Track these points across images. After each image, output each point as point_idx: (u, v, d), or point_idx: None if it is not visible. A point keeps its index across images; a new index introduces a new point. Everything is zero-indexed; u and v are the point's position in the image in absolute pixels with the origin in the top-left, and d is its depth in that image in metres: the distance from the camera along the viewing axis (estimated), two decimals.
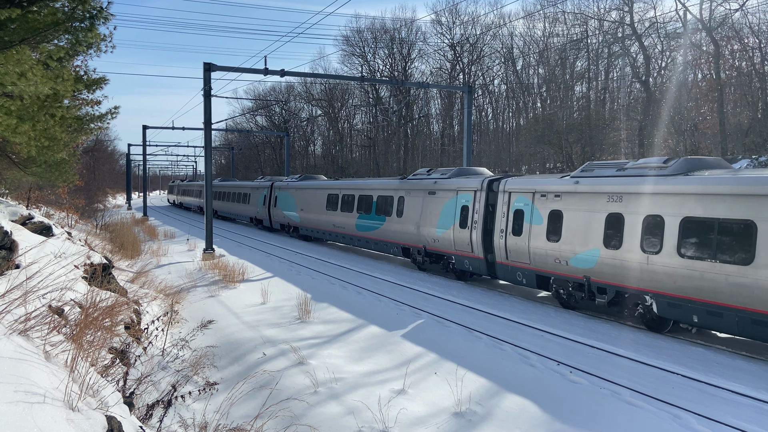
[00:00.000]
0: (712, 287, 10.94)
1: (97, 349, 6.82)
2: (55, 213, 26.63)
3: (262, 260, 23.68)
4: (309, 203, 30.07)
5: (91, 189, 39.41)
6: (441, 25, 62.07)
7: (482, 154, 54.18)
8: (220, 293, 16.60)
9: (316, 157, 79.94)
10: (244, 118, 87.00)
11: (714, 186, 11.36)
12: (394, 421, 7.70)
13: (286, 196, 33.34)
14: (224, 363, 10.46)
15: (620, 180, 13.43)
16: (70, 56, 10.10)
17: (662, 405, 8.42)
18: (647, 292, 12.46)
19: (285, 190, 33.71)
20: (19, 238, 10.19)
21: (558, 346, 11.44)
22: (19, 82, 8.06)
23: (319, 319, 13.54)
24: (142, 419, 6.74)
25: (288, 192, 33.21)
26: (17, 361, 4.73)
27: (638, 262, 12.49)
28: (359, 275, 20.08)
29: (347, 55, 67.68)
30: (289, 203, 32.88)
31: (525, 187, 16.08)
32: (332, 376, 9.43)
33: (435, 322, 13.36)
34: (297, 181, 33.37)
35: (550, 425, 7.78)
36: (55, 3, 8.79)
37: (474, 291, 17.33)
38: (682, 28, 41.13)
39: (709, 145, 35.79)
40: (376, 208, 23.52)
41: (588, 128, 39.85)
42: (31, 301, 6.24)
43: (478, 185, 18.01)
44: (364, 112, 71.62)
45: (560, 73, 52.23)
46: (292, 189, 32.80)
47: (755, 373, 9.90)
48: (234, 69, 25.40)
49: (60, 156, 13.57)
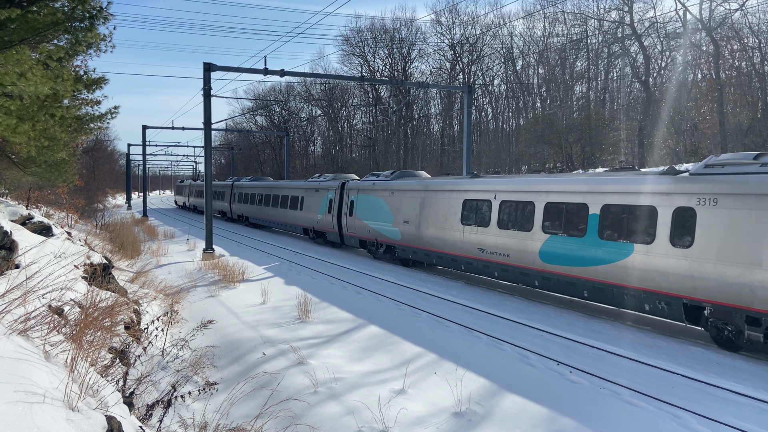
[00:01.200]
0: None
1: (97, 349, 6.82)
2: (54, 213, 26.63)
3: (261, 260, 23.67)
4: (422, 212, 20.61)
5: (91, 189, 39.41)
6: (441, 25, 62.13)
7: (482, 154, 54.20)
8: (220, 293, 16.60)
9: (316, 157, 79.95)
10: (243, 118, 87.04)
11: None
12: (393, 421, 7.70)
13: (372, 201, 24.12)
14: (224, 363, 10.46)
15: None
16: (69, 56, 10.09)
17: (662, 405, 8.42)
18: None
19: (369, 193, 24.51)
20: (18, 238, 10.19)
21: (558, 346, 11.44)
22: (19, 82, 8.06)
23: (318, 319, 13.54)
24: (142, 419, 6.74)
25: (374, 195, 24.00)
26: (17, 361, 4.73)
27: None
28: (359, 275, 20.07)
29: (347, 55, 67.74)
30: (376, 211, 23.65)
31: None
32: (332, 376, 9.43)
33: (435, 322, 13.36)
34: (390, 180, 23.67)
35: (550, 425, 7.78)
36: (55, 3, 8.79)
37: (474, 291, 17.33)
38: (682, 28, 41.15)
39: (709, 145, 35.79)
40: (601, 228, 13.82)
41: (588, 128, 39.86)
42: (31, 301, 6.24)
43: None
44: (364, 112, 71.65)
45: (560, 73, 52.24)
46: (384, 191, 23.39)
47: (755, 373, 9.90)
48: (234, 69, 25.40)
49: (60, 156, 13.56)
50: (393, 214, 22.27)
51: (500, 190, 17.25)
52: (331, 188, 28.18)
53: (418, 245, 20.88)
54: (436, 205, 19.88)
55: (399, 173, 24.09)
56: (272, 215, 36.61)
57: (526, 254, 15.79)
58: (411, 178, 23.27)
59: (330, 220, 27.80)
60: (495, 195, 17.37)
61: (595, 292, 13.80)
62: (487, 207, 17.62)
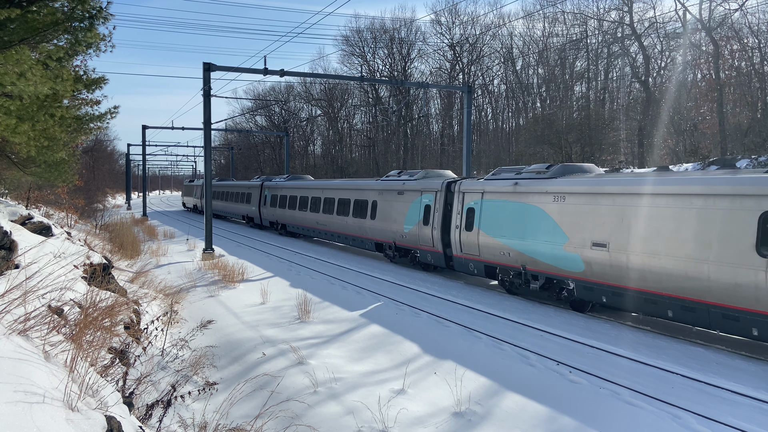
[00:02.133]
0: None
1: (97, 349, 6.82)
2: (54, 213, 26.64)
3: (261, 260, 23.66)
4: (648, 230, 12.55)
5: (90, 189, 39.39)
6: (440, 25, 62.16)
7: (482, 154, 54.20)
8: (220, 293, 16.60)
9: (315, 157, 79.95)
10: (243, 118, 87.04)
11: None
12: (393, 421, 7.70)
13: (516, 209, 16.06)
14: (224, 363, 10.46)
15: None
16: (69, 56, 10.09)
17: (662, 405, 8.42)
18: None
19: (508, 197, 16.40)
20: (18, 238, 10.19)
21: (557, 346, 11.44)
22: (19, 82, 8.06)
23: (318, 319, 13.54)
24: (142, 419, 6.74)
25: (520, 201, 15.95)
26: (17, 361, 4.73)
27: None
28: (359, 275, 20.07)
29: (347, 55, 67.75)
30: (526, 224, 15.69)
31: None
32: (332, 376, 9.43)
33: (435, 322, 13.36)
34: (553, 179, 15.38)
35: (550, 425, 7.78)
36: (55, 3, 8.79)
37: (474, 291, 17.33)
38: (682, 28, 41.17)
39: (709, 145, 35.80)
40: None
41: (587, 128, 39.86)
42: (31, 301, 6.24)
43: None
44: (364, 112, 71.64)
45: (560, 73, 52.25)
46: (542, 195, 15.26)
47: (755, 373, 9.90)
48: (233, 69, 25.39)
49: (59, 156, 13.57)
50: (566, 230, 14.22)
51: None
52: (429, 189, 20.27)
53: (629, 284, 12.82)
54: (686, 221, 11.65)
55: (560, 167, 15.76)
56: (324, 224, 28.43)
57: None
58: (583, 174, 15.33)
59: (426, 235, 20.01)
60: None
61: None
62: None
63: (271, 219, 36.71)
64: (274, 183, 37.06)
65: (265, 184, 38.47)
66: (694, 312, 11.49)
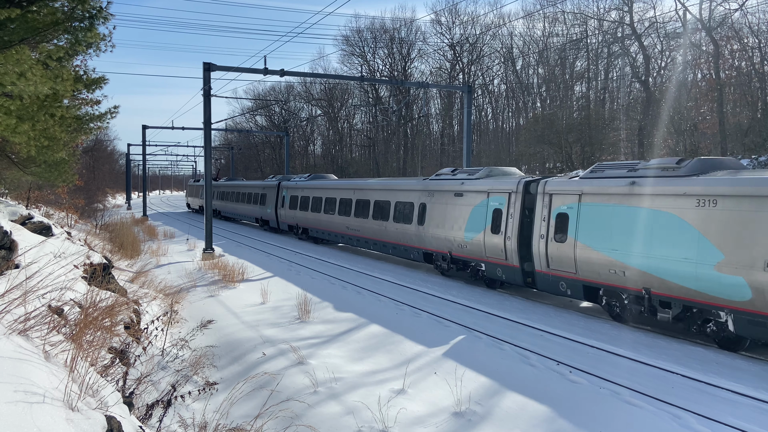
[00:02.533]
0: None
1: (97, 348, 6.82)
2: (54, 213, 26.64)
3: (261, 260, 23.66)
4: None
5: (90, 189, 39.41)
6: (441, 25, 62.13)
7: (482, 154, 54.18)
8: (220, 293, 16.60)
9: (315, 156, 79.95)
10: (243, 117, 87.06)
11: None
12: (393, 421, 7.70)
13: (633, 215, 13.01)
14: (224, 363, 10.46)
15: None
16: (69, 56, 10.10)
17: (662, 405, 8.42)
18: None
19: (621, 201, 13.32)
20: (18, 237, 10.19)
21: (558, 346, 11.44)
22: (19, 81, 8.06)
23: (318, 318, 13.54)
24: (142, 419, 6.74)
25: (641, 206, 12.86)
26: (17, 361, 4.73)
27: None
28: (359, 275, 20.07)
29: (347, 54, 67.73)
30: (651, 235, 12.51)
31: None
32: (332, 375, 9.43)
33: (435, 322, 13.36)
34: (693, 176, 12.25)
35: (550, 425, 7.78)
36: (55, 3, 8.79)
37: (474, 291, 17.33)
38: (682, 27, 41.16)
39: (709, 144, 35.80)
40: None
41: (588, 128, 39.85)
42: (31, 300, 6.24)
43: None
44: (364, 112, 71.62)
45: (560, 72, 52.24)
46: (676, 198, 12.11)
47: (755, 373, 9.90)
48: (234, 69, 25.40)
49: (60, 156, 13.57)
50: (718, 244, 11.07)
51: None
52: (499, 191, 17.16)
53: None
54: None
55: (698, 162, 12.50)
56: (356, 229, 25.38)
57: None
58: (736, 171, 12.11)
59: (496, 245, 16.90)
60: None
61: None
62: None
63: (291, 222, 33.38)
64: (294, 183, 33.71)
65: (282, 183, 35.32)
66: None
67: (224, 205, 47.58)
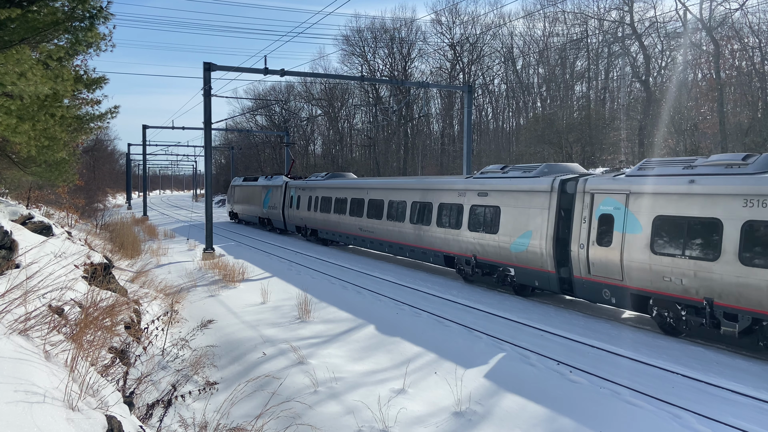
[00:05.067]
0: None
1: (97, 348, 6.82)
2: (55, 212, 26.63)
3: (261, 260, 23.66)
4: None
5: (91, 189, 39.42)
6: (441, 24, 62.08)
7: (482, 154, 54.15)
8: (220, 293, 16.60)
9: (316, 156, 79.94)
10: (243, 117, 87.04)
11: None
12: (393, 421, 7.70)
13: None
14: (224, 362, 10.46)
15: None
16: (69, 56, 10.10)
17: (662, 404, 8.42)
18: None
19: None
20: (19, 237, 10.19)
21: (558, 346, 11.44)
22: (19, 81, 8.06)
23: (318, 318, 13.54)
24: (142, 419, 6.74)
25: None
26: (17, 361, 4.73)
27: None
28: (359, 275, 20.07)
29: (347, 54, 67.67)
30: None
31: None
32: (332, 375, 9.43)
33: (435, 322, 13.36)
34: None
35: (550, 424, 7.78)
36: (55, 2, 8.80)
37: (474, 291, 17.32)
38: (682, 27, 41.14)
39: (709, 144, 35.78)
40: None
41: (588, 128, 39.85)
42: (31, 300, 6.24)
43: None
44: (364, 112, 71.60)
45: (560, 72, 52.22)
46: None
47: (755, 373, 9.90)
48: (234, 69, 25.40)
49: (60, 155, 13.57)
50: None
51: None
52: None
53: None
54: None
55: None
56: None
57: None
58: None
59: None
60: None
61: None
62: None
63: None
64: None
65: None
66: None
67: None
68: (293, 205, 32.58)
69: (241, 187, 44.69)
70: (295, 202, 32.38)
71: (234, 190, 46.59)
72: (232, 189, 47.52)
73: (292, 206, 32.72)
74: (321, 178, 31.30)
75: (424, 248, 20.39)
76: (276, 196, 35.47)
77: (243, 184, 44.24)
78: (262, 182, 39.06)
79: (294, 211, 32.31)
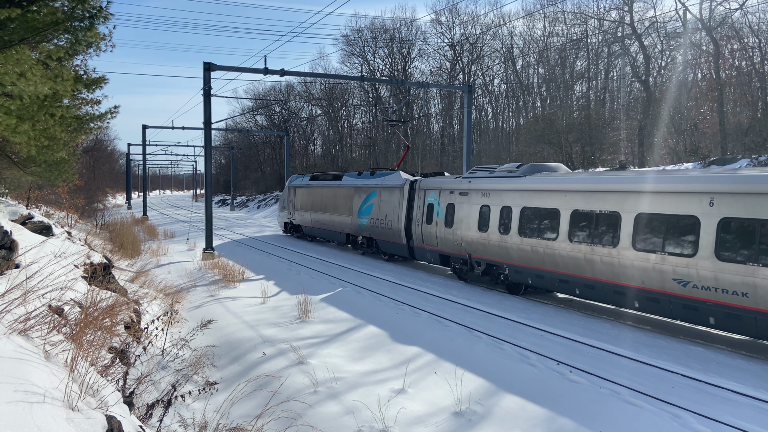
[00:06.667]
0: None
1: (97, 348, 6.82)
2: (54, 212, 26.63)
3: (261, 260, 23.66)
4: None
5: (91, 188, 39.43)
6: (441, 24, 62.08)
7: (482, 154, 54.15)
8: (220, 293, 16.60)
9: (316, 156, 79.92)
10: (243, 117, 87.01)
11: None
12: (393, 421, 7.70)
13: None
14: (224, 362, 10.46)
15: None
16: (69, 56, 10.11)
17: (662, 404, 8.42)
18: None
19: None
20: (18, 237, 10.19)
21: (558, 346, 11.44)
22: (19, 81, 8.06)
23: (318, 318, 13.54)
24: (142, 419, 6.74)
25: None
26: (17, 361, 4.73)
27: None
28: (359, 275, 20.06)
29: (347, 54, 67.69)
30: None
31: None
32: (332, 375, 9.43)
33: (435, 322, 13.36)
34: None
35: (550, 424, 7.78)
36: (55, 2, 8.80)
37: (474, 291, 17.33)
38: (682, 27, 41.13)
39: (709, 144, 35.78)
40: None
41: (588, 128, 39.84)
42: (31, 300, 6.24)
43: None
44: (364, 112, 71.60)
45: (560, 72, 52.22)
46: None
47: (755, 373, 9.90)
48: (234, 68, 25.40)
49: (60, 155, 13.58)
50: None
51: None
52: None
53: None
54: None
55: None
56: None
57: None
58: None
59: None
60: None
61: None
62: None
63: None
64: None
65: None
66: None
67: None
68: (433, 220, 20.55)
69: (308, 189, 32.26)
70: (439, 213, 20.21)
71: (295, 193, 34.11)
72: (290, 191, 34.81)
73: (432, 221, 20.60)
74: (506, 173, 17.79)
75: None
76: (389, 203, 23.70)
77: (313, 184, 31.89)
78: (352, 181, 27.59)
79: (436, 228, 20.24)
